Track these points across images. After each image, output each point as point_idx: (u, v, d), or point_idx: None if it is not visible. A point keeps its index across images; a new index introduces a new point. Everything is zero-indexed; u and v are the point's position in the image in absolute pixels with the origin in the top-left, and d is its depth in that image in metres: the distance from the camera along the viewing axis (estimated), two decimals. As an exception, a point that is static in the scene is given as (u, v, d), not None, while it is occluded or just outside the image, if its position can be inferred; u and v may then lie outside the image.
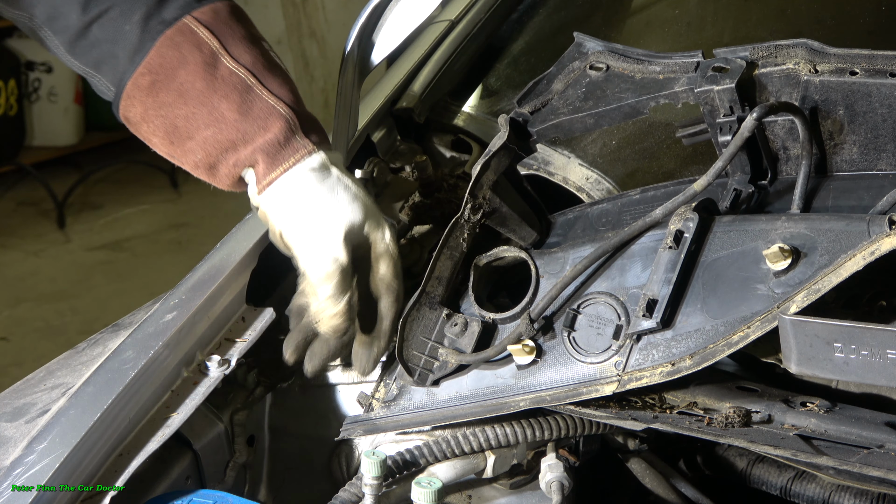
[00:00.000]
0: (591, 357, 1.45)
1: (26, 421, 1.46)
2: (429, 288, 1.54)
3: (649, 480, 1.62)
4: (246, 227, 1.71)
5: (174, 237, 5.85)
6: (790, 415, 1.42)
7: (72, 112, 6.48)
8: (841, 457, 1.32)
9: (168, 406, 1.49)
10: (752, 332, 1.35)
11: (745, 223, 1.42)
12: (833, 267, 1.32)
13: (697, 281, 1.41)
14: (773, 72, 1.48)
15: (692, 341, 1.39)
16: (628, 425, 1.43)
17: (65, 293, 5.20)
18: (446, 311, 1.54)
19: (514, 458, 1.56)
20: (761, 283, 1.37)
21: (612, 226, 1.62)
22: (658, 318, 1.39)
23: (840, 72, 1.45)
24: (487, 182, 1.56)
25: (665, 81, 1.54)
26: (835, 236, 1.35)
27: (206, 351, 1.56)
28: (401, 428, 1.54)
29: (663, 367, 1.40)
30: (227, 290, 1.61)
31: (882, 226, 1.32)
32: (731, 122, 1.49)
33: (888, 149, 1.46)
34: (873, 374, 1.34)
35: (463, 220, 1.55)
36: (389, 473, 1.46)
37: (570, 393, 1.44)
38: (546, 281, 1.52)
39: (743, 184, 1.53)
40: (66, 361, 1.63)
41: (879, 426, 1.39)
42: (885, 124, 1.44)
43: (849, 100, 1.45)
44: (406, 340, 1.53)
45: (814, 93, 1.46)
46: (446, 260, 1.54)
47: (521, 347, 1.47)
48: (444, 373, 1.52)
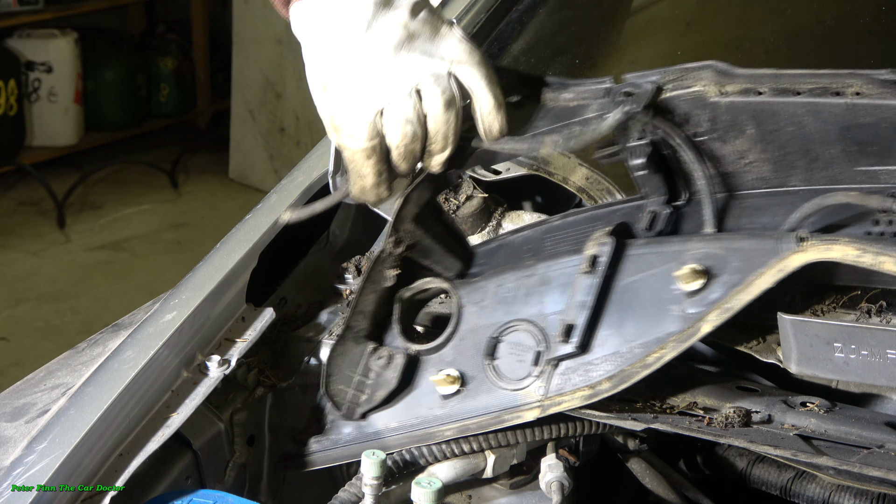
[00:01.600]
0: (512, 384, 1.46)
1: (26, 421, 1.46)
2: (353, 322, 1.55)
3: (649, 480, 1.62)
4: (246, 227, 1.71)
5: (174, 237, 5.85)
6: (790, 415, 1.42)
7: (72, 112, 6.48)
8: (841, 457, 1.33)
9: (168, 406, 1.49)
10: (666, 352, 1.37)
11: (658, 245, 1.44)
12: (744, 285, 1.34)
13: (613, 304, 1.42)
14: (682, 94, 1.49)
15: (609, 364, 1.40)
16: (628, 425, 1.43)
17: (65, 293, 5.20)
18: (372, 345, 1.55)
19: (514, 458, 1.56)
20: (675, 304, 1.38)
21: (535, 252, 1.62)
22: (576, 343, 1.41)
23: (746, 92, 1.46)
24: (409, 215, 1.57)
25: (577, 108, 1.54)
26: (745, 255, 1.36)
27: (206, 351, 1.56)
28: (333, 462, 1.56)
29: (582, 392, 1.41)
30: (227, 290, 1.61)
31: (790, 243, 1.34)
32: (643, 145, 1.50)
33: (798, 165, 1.47)
34: (873, 374, 1.34)
35: (385, 254, 1.56)
36: (389, 473, 1.46)
37: (493, 420, 1.46)
38: (468, 310, 1.53)
39: (659, 205, 1.54)
40: (66, 361, 1.63)
41: (879, 426, 1.39)
42: (794, 142, 1.45)
43: (756, 119, 1.46)
44: (332, 375, 1.54)
45: (722, 113, 1.47)
46: (370, 294, 1.55)
47: (443, 378, 1.48)
48: (371, 405, 1.53)
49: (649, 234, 1.52)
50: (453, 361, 1.50)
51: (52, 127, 6.41)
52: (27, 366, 1.93)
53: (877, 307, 1.40)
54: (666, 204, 1.54)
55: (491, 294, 1.52)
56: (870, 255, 1.29)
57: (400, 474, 1.48)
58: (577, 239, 1.55)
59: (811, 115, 1.43)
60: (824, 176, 1.46)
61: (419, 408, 1.51)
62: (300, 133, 6.19)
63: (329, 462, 1.56)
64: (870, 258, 1.29)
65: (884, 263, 1.28)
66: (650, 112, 1.47)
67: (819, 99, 1.42)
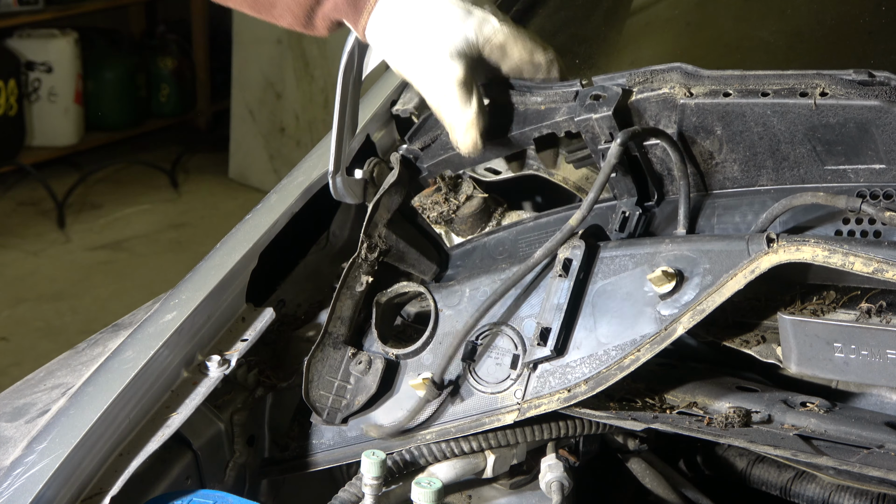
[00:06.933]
0: (491, 387, 1.47)
1: (26, 421, 1.46)
2: (331, 328, 1.55)
3: (649, 480, 1.62)
4: (246, 227, 1.71)
5: (174, 237, 5.85)
6: (790, 415, 1.42)
7: (72, 112, 6.48)
8: (841, 457, 1.33)
9: (168, 406, 1.49)
10: (642, 354, 1.38)
11: (630, 248, 1.44)
12: (716, 287, 1.35)
13: (588, 307, 1.43)
14: (650, 97, 1.50)
15: (586, 367, 1.41)
16: (628, 425, 1.43)
17: (65, 293, 5.20)
18: (351, 351, 1.56)
19: (514, 458, 1.56)
20: (649, 307, 1.39)
21: (509, 254, 1.64)
22: (552, 347, 1.42)
23: (714, 94, 1.47)
24: (381, 220, 1.58)
25: (546, 112, 1.55)
26: (716, 256, 1.38)
27: (206, 351, 1.57)
28: (314, 467, 1.57)
29: (560, 394, 1.42)
30: (227, 290, 1.61)
31: (760, 244, 1.35)
32: None
33: (767, 165, 1.48)
34: (873, 374, 1.34)
35: (360, 260, 1.57)
36: (389, 473, 1.46)
37: (473, 424, 1.47)
38: (445, 314, 1.53)
39: (630, 206, 1.55)
40: (66, 361, 1.63)
41: (879, 426, 1.39)
42: (762, 142, 1.46)
43: (724, 120, 1.47)
44: (312, 381, 1.55)
45: (690, 115, 1.48)
46: (347, 299, 1.56)
47: (421, 382, 1.48)
48: (352, 410, 1.54)
49: (621, 235, 1.53)
50: (431, 365, 1.51)
51: (52, 127, 6.40)
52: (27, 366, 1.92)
53: (877, 307, 1.40)
54: (637, 205, 1.55)
55: (467, 297, 1.53)
56: (838, 255, 1.30)
57: (400, 474, 1.48)
58: None
59: (778, 115, 1.44)
60: (793, 175, 1.47)
61: (399, 412, 1.52)
62: (300, 133, 6.19)
63: (310, 467, 1.57)
64: (839, 258, 1.30)
65: (854, 264, 1.29)
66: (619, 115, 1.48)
67: (786, 100, 1.43)
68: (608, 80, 1.54)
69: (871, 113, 1.39)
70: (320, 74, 6.03)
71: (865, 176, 1.43)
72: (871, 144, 1.41)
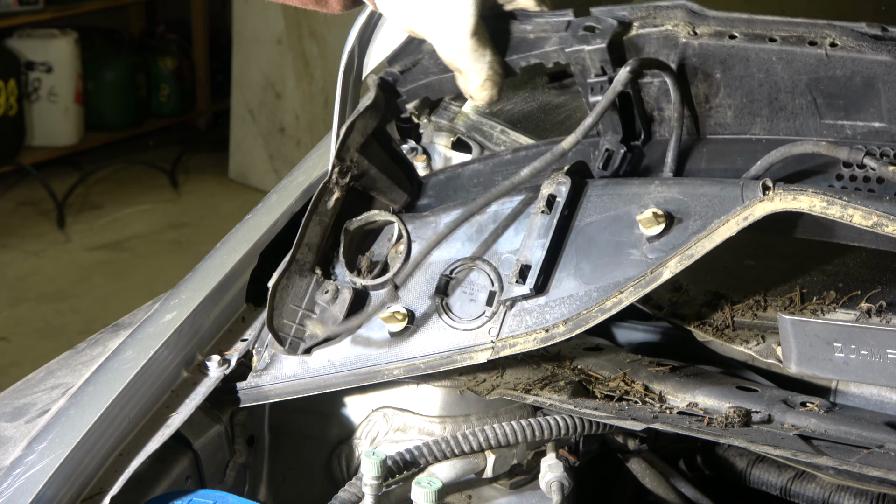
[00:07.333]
0: (464, 324, 1.43)
1: (26, 421, 1.46)
2: (299, 255, 1.51)
3: (649, 480, 1.62)
4: (246, 227, 1.71)
5: (174, 237, 5.85)
6: (790, 415, 1.42)
7: (72, 112, 6.48)
8: (841, 457, 1.33)
9: (168, 406, 1.49)
10: (625, 297, 1.35)
11: (618, 187, 1.41)
12: (706, 232, 1.32)
13: (571, 246, 1.39)
14: (651, 33, 1.45)
15: (566, 307, 1.38)
16: (628, 425, 1.43)
17: (65, 293, 5.20)
18: (317, 278, 1.51)
19: (514, 458, 1.56)
20: (634, 248, 1.36)
21: (485, 187, 1.59)
22: (531, 285, 1.38)
23: (719, 35, 1.43)
24: (354, 144, 1.51)
25: (536, 41, 1.49)
26: (708, 201, 1.34)
27: (206, 351, 1.57)
28: (273, 398, 1.51)
29: (537, 334, 1.39)
30: (227, 290, 1.61)
31: (755, 191, 1.32)
32: (602, 82, 1.46)
33: (762, 114, 1.44)
34: (873, 374, 1.34)
35: (331, 184, 1.51)
36: (389, 473, 1.46)
37: (444, 361, 1.43)
38: (417, 245, 1.49)
39: (615, 144, 1.50)
40: (66, 361, 1.63)
41: (879, 426, 1.39)
42: (762, 89, 1.43)
43: (726, 63, 1.43)
44: (276, 309, 1.50)
45: (692, 55, 1.44)
46: (315, 226, 1.51)
47: (391, 314, 1.44)
48: (316, 341, 1.50)
49: (604, 172, 1.48)
50: (402, 298, 1.47)
51: (52, 127, 6.40)
52: (27, 366, 1.92)
53: (877, 307, 1.40)
54: (621, 143, 1.50)
55: (441, 230, 1.48)
56: (837, 206, 1.27)
57: (400, 474, 1.48)
58: None
59: (783, 63, 1.40)
60: (788, 126, 1.44)
61: (366, 345, 1.47)
62: (300, 133, 6.19)
63: (267, 398, 1.52)
64: (837, 210, 1.27)
65: (853, 217, 1.26)
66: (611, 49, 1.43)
67: (793, 48, 1.39)
68: (607, 12, 1.48)
69: (880, 68, 1.36)
70: (320, 74, 6.03)
71: (863, 134, 1.40)
72: (875, 101, 1.38)
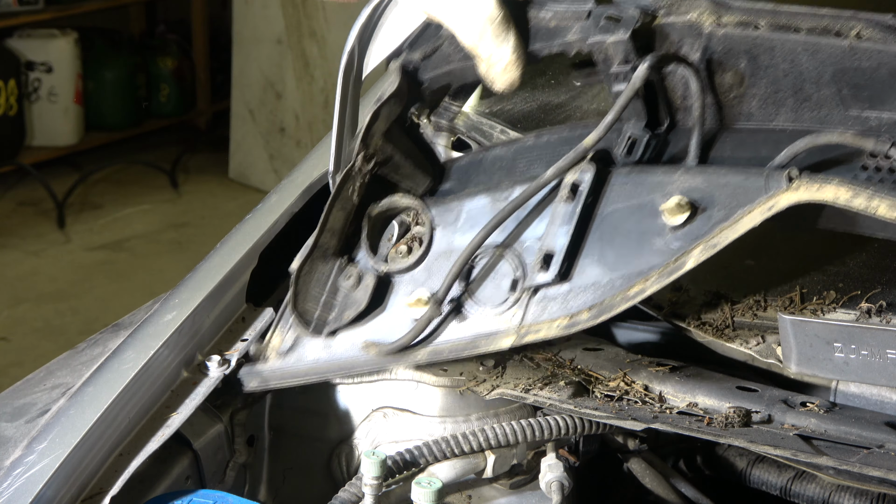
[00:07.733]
0: (488, 310, 1.43)
1: (26, 421, 1.46)
2: (322, 240, 1.50)
3: (649, 480, 1.62)
4: (246, 227, 1.71)
5: (174, 237, 5.85)
6: (790, 415, 1.42)
7: (72, 112, 6.48)
8: (841, 457, 1.33)
9: (168, 406, 1.49)
10: (649, 285, 1.34)
11: (642, 175, 1.40)
12: (730, 222, 1.31)
13: (594, 234, 1.39)
14: (676, 22, 1.44)
15: (589, 295, 1.37)
16: (628, 425, 1.43)
17: (65, 293, 5.20)
18: (340, 264, 1.51)
19: (514, 458, 1.56)
20: (658, 237, 1.35)
21: (507, 172, 1.58)
22: (555, 272, 1.38)
23: (744, 25, 1.42)
24: (378, 131, 1.51)
25: (556, 30, 1.48)
26: (732, 191, 1.33)
27: (206, 351, 1.56)
28: (296, 379, 1.51)
29: (560, 321, 1.38)
30: (227, 290, 1.61)
31: (780, 181, 1.31)
32: (626, 71, 1.45)
33: (787, 104, 1.43)
34: (873, 374, 1.34)
35: (355, 171, 1.51)
36: (389, 473, 1.46)
37: (468, 346, 1.43)
38: (441, 231, 1.49)
39: (639, 130, 1.49)
40: (66, 361, 1.63)
41: (879, 426, 1.39)
42: (786, 79, 1.42)
43: (751, 53, 1.42)
44: (300, 293, 1.50)
45: (716, 45, 1.43)
46: (339, 211, 1.51)
47: (415, 300, 1.44)
48: (340, 324, 1.50)
49: (628, 159, 1.48)
50: (426, 283, 1.46)
51: (52, 127, 6.40)
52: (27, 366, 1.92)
53: (877, 307, 1.40)
54: (645, 129, 1.49)
55: (464, 215, 1.48)
56: (862, 197, 1.26)
57: (400, 474, 1.48)
58: (550, 161, 1.47)
59: (808, 53, 1.40)
60: (812, 117, 1.43)
61: (390, 329, 1.47)
62: (300, 133, 6.19)
63: (291, 378, 1.52)
64: (862, 201, 1.26)
65: (878, 208, 1.25)
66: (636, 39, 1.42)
67: (819, 38, 1.39)
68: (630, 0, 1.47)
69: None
70: (320, 74, 6.03)
71: (889, 125, 1.39)
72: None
